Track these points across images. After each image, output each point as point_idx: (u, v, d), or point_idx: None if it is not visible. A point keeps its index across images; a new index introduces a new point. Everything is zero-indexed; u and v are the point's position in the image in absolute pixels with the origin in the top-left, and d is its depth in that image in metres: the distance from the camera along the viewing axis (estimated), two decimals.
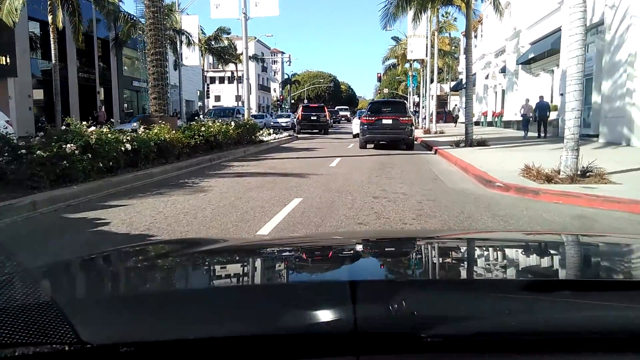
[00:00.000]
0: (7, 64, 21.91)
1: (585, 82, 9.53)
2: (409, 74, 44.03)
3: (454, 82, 51.22)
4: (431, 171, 10.98)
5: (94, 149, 8.44)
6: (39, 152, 7.36)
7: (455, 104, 51.98)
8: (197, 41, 32.46)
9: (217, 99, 67.66)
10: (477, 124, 30.32)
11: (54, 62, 21.78)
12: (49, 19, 21.28)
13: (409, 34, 29.92)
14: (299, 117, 31.07)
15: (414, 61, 38.33)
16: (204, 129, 14.26)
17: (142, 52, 23.59)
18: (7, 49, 21.77)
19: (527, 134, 21.32)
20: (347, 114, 62.10)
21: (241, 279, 1.29)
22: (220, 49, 41.59)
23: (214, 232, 5.24)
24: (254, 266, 1.44)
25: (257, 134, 19.87)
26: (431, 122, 28.79)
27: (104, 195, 7.65)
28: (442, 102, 50.63)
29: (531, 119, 21.32)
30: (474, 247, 1.64)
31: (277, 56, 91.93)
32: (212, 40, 39.96)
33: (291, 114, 41.04)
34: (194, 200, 7.20)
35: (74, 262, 1.54)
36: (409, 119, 17.47)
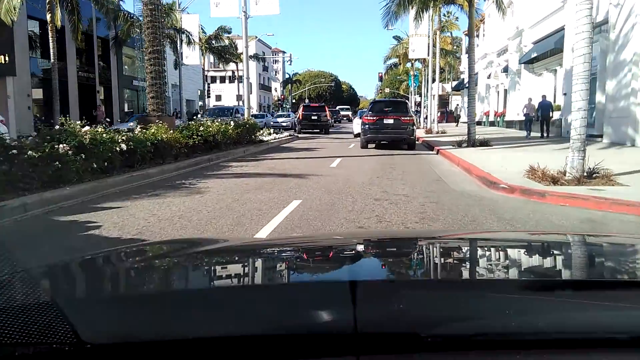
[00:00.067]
0: (6, 62, 21.73)
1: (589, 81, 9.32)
2: (411, 73, 43.80)
3: (455, 82, 51.01)
4: (433, 172, 10.79)
5: (88, 149, 8.25)
6: (31, 152, 7.17)
7: (457, 104, 51.76)
8: (197, 40, 32.26)
9: (218, 98, 67.50)
10: (479, 123, 30.19)
11: (53, 61, 21.64)
12: (48, 17, 21.16)
13: (410, 33, 29.70)
14: (300, 117, 30.94)
15: (416, 60, 38.18)
16: (202, 128, 14.05)
17: (140, 50, 23.42)
18: (5, 47, 21.55)
19: (529, 133, 21.17)
20: (348, 114, 62.11)
21: (241, 279, 1.29)
22: (221, 48, 41.41)
23: (209, 236, 5.06)
24: (254, 266, 1.44)
25: (256, 134, 19.68)
26: (433, 122, 28.64)
27: (98, 196, 7.46)
28: (444, 101, 50.32)
29: (534, 118, 21.15)
30: (474, 247, 1.64)
31: (278, 55, 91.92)
32: (213, 39, 39.73)
33: (291, 113, 40.90)
34: (190, 202, 7.02)
35: (74, 262, 1.54)
36: (411, 118, 17.34)
